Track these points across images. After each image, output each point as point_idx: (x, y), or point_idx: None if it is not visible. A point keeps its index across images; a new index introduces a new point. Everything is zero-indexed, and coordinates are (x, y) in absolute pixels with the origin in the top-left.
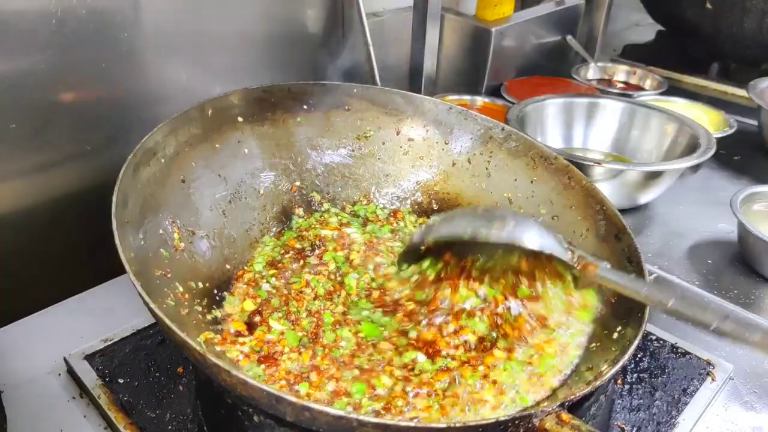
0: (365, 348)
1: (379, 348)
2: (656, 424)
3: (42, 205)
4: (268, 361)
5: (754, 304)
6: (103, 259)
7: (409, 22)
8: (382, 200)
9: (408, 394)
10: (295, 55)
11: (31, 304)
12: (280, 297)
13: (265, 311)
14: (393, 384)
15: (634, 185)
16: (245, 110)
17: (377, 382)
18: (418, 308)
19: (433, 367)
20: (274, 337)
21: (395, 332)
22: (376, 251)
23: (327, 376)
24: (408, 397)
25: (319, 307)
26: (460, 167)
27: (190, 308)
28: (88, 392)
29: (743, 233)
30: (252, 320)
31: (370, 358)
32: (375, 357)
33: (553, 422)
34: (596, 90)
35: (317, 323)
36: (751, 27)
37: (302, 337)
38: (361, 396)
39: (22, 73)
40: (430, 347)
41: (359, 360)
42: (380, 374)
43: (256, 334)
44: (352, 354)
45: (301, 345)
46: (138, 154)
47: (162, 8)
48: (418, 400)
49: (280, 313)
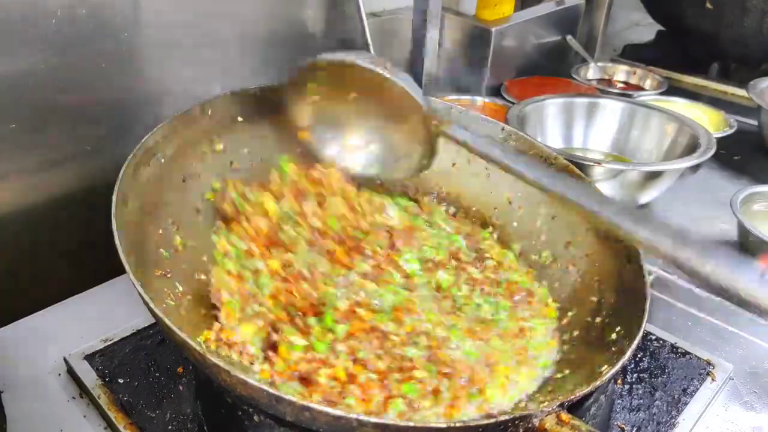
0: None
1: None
2: (656, 424)
3: (42, 205)
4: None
5: None
6: (103, 259)
7: (409, 22)
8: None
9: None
10: (295, 55)
11: (31, 304)
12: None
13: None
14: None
15: (634, 185)
16: (245, 110)
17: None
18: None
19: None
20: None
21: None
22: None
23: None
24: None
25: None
26: (460, 167)
27: (191, 308)
28: (88, 392)
29: (743, 233)
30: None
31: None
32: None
33: (552, 422)
34: (596, 90)
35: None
36: (751, 27)
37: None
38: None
39: (22, 73)
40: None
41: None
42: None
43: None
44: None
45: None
46: (138, 154)
47: (162, 8)
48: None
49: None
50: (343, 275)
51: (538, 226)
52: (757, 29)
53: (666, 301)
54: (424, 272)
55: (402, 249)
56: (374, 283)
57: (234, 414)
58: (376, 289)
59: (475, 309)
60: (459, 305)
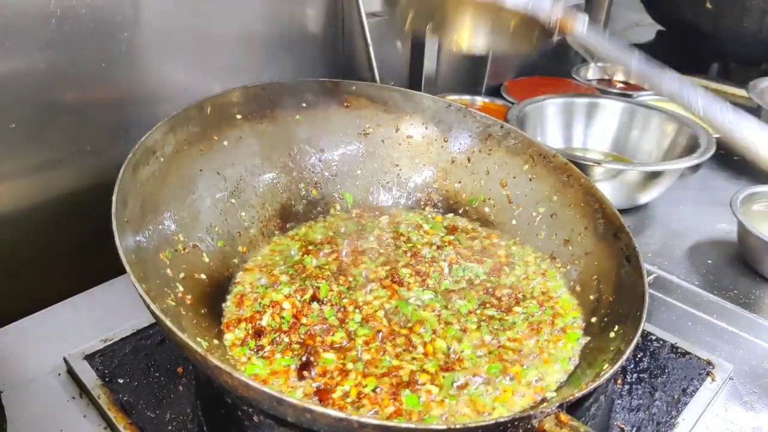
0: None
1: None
2: (656, 424)
3: (42, 205)
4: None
5: (754, 304)
6: (103, 259)
7: None
8: (382, 197)
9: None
10: (295, 55)
11: (31, 304)
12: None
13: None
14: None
15: (634, 185)
16: (244, 108)
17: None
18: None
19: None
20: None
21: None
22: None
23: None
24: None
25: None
26: (459, 165)
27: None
28: (88, 392)
29: (743, 233)
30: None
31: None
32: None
33: (552, 423)
34: (596, 90)
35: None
36: (751, 27)
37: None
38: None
39: (22, 72)
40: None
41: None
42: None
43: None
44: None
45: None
46: (137, 152)
47: (162, 8)
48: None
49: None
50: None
51: (537, 224)
52: (757, 29)
53: (666, 301)
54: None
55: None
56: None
57: (234, 414)
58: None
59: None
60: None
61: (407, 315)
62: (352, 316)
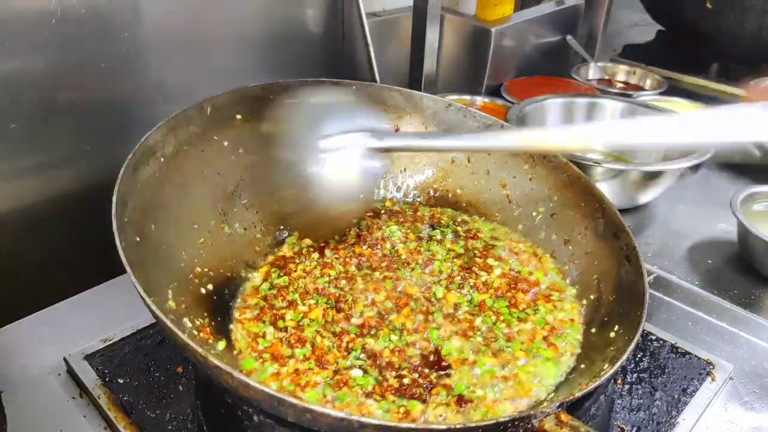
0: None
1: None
2: (656, 424)
3: (41, 205)
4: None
5: (754, 304)
6: (103, 259)
7: (409, 22)
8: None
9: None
10: (295, 55)
11: (31, 304)
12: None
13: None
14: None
15: (634, 185)
16: (244, 108)
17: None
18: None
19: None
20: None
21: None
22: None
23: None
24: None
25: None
26: (459, 165)
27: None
28: (88, 392)
29: (743, 233)
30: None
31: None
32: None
33: (552, 423)
34: (596, 90)
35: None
36: (751, 27)
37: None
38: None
39: (22, 73)
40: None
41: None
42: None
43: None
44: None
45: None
46: (137, 153)
47: (162, 8)
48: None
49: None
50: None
51: (537, 224)
52: (757, 29)
53: (666, 301)
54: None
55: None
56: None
57: (234, 414)
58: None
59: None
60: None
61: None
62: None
